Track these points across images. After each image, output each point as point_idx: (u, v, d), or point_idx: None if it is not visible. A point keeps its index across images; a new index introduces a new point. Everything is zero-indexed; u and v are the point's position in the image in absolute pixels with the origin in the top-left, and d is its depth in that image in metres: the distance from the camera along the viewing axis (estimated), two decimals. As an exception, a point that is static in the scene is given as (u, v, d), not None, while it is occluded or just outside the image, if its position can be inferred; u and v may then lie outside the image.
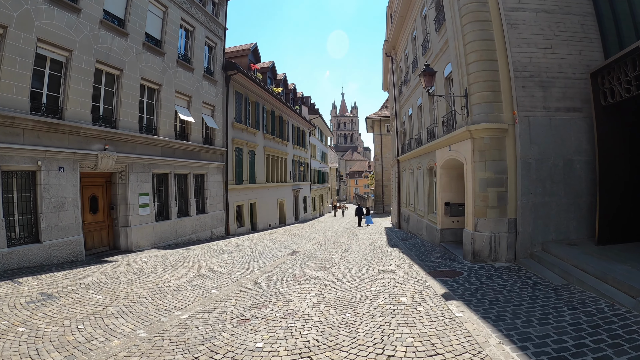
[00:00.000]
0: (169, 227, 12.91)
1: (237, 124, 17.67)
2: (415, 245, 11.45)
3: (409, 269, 7.59)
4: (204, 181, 15.25)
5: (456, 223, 10.37)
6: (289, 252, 11.56)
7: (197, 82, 14.86)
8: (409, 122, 16.11)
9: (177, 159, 13.39)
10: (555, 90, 8.06)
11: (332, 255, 10.34)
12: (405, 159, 16.48)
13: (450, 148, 9.40)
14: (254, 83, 18.80)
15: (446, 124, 9.90)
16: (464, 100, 8.40)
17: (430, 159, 11.71)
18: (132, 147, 11.46)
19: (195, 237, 14.27)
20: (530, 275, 6.64)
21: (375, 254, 10.09)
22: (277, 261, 9.86)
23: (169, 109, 13.17)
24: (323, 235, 16.62)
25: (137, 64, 11.66)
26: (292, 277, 7.52)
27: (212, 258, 10.23)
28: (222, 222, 16.18)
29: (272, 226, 22.13)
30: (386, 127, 38.63)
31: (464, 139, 8.36)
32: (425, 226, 12.54)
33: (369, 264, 8.42)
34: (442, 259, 8.62)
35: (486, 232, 7.77)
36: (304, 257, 10.25)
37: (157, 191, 12.88)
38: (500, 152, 7.84)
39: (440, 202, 10.40)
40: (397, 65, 19.36)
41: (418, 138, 13.64)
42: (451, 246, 9.93)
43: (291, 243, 13.83)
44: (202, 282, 7.49)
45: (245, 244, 13.47)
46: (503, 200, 7.77)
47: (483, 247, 7.78)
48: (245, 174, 18.49)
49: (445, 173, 10.35)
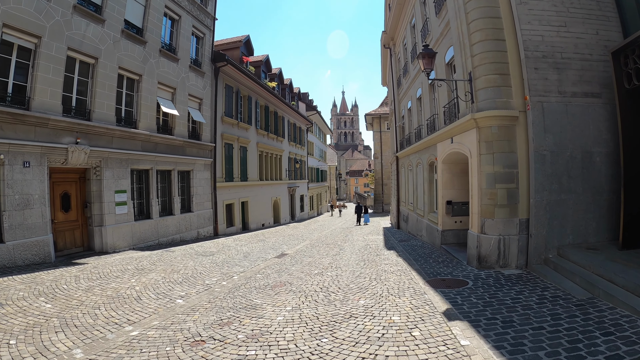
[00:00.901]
0: (149, 226, 12.01)
1: (227, 118, 16.74)
2: (414, 248, 10.50)
3: (405, 277, 6.64)
4: (190, 178, 14.33)
5: (459, 224, 9.42)
6: (277, 254, 10.64)
7: (182, 74, 13.94)
8: (407, 115, 15.16)
9: (159, 154, 12.49)
10: (572, 73, 7.12)
11: (322, 258, 9.40)
12: (404, 154, 15.52)
13: (453, 140, 8.45)
14: (246, 76, 17.86)
15: (448, 114, 8.95)
16: (468, 85, 7.45)
17: (430, 154, 10.75)
18: (107, 140, 10.59)
19: (179, 238, 13.36)
20: (546, 285, 5.69)
21: (370, 257, 9.15)
22: (262, 265, 8.94)
23: (150, 101, 12.27)
24: (317, 236, 15.69)
25: (115, 53, 10.79)
26: (272, 285, 6.59)
27: (190, 261, 9.32)
28: (209, 221, 15.26)
29: (266, 226, 21.20)
30: (386, 125, 37.70)
31: (469, 129, 7.41)
32: (425, 227, 11.58)
33: (361, 270, 7.48)
34: (444, 265, 7.68)
35: (494, 234, 6.81)
36: (291, 261, 9.32)
37: (137, 188, 12.01)
38: (510, 143, 6.89)
39: (442, 201, 9.45)
40: (395, 57, 18.40)
41: (417, 132, 12.68)
42: (453, 249, 8.98)
43: (281, 244, 12.91)
44: (170, 289, 6.64)
45: (232, 245, 12.55)
46: (513, 198, 6.82)
47: (490, 251, 6.83)
48: (236, 171, 17.56)
49: (447, 169, 9.40)
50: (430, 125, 10.72)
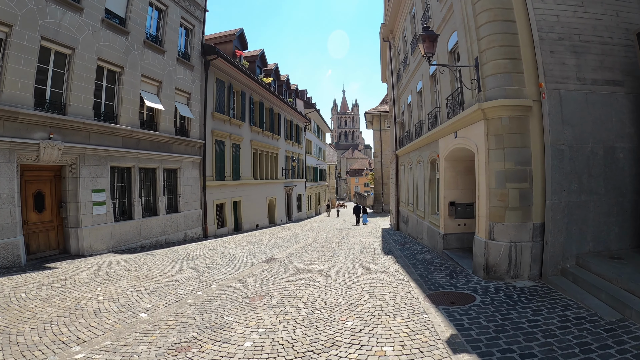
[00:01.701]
0: (131, 228, 11.23)
1: (219, 114, 15.93)
2: (413, 253, 9.68)
3: (403, 289, 5.81)
4: (177, 176, 13.53)
5: (463, 227, 8.59)
6: (265, 258, 9.83)
7: (169, 66, 13.13)
8: (407, 111, 14.32)
9: (142, 151, 11.69)
10: (591, 58, 6.30)
11: (312, 264, 8.59)
12: (404, 152, 14.69)
13: (457, 135, 7.62)
14: (239, 70, 17.04)
15: (451, 106, 8.12)
16: (474, 72, 6.62)
17: (431, 151, 9.92)
18: (84, 136, 9.83)
19: (164, 240, 12.57)
20: (566, 302, 4.86)
21: (365, 264, 8.33)
22: (246, 271, 8.14)
23: (132, 95, 11.48)
24: (312, 238, 14.88)
25: (94, 43, 10.03)
26: (250, 298, 5.78)
27: (169, 266, 8.53)
28: (198, 222, 14.46)
29: (261, 226, 20.40)
30: (386, 123, 36.88)
31: (475, 121, 6.58)
32: (426, 229, 10.75)
33: (354, 280, 6.65)
34: (447, 274, 6.85)
35: (504, 240, 5.98)
36: (278, 267, 8.51)
37: (118, 187, 11.24)
38: (523, 137, 6.06)
39: (444, 202, 8.63)
40: (395, 50, 17.56)
41: (418, 127, 11.84)
42: (457, 255, 8.16)
43: (273, 247, 12.10)
44: (137, 300, 5.91)
45: (220, 247, 11.75)
46: (526, 199, 5.99)
47: (500, 260, 6.00)
48: (228, 170, 16.75)
49: (450, 166, 8.57)
50: (431, 120, 9.89)
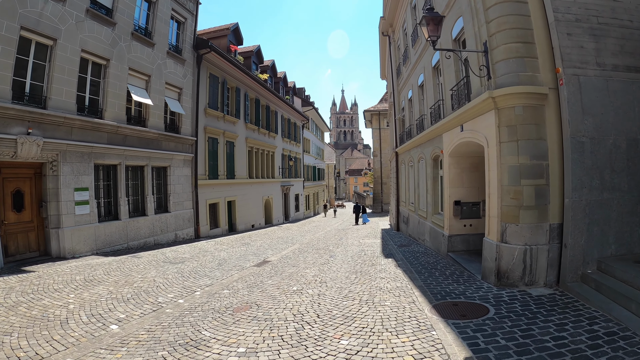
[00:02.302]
0: (117, 228, 10.62)
1: (212, 110, 15.31)
2: (415, 255, 9.07)
3: (405, 299, 5.20)
4: (167, 175, 12.91)
5: (469, 228, 7.99)
6: (257, 261, 9.23)
7: (158, 60, 12.52)
8: (408, 106, 13.72)
9: (129, 148, 11.08)
10: (611, 42, 5.74)
11: (307, 269, 7.98)
12: (405, 149, 14.08)
13: (463, 128, 7.02)
14: (233, 65, 16.41)
15: (456, 97, 7.52)
16: (483, 58, 6.03)
17: (434, 147, 9.32)
18: (66, 131, 9.25)
19: (153, 241, 11.95)
20: (592, 314, 4.26)
21: (364, 268, 7.72)
22: (235, 276, 7.54)
23: (119, 89, 10.87)
24: (309, 239, 14.27)
25: (77, 34, 9.46)
26: (234, 308, 5.17)
27: (153, 270, 7.93)
28: (190, 222, 13.84)
29: (256, 227, 19.78)
30: (385, 122, 36.33)
31: (485, 112, 5.97)
32: (428, 230, 10.14)
33: (351, 287, 6.04)
34: (453, 279, 6.24)
35: (518, 243, 5.38)
36: (270, 271, 7.91)
37: (104, 186, 10.63)
38: (539, 128, 5.46)
39: (448, 201, 8.02)
40: (394, 44, 16.96)
41: (419, 123, 11.24)
42: (463, 258, 7.56)
43: (267, 249, 11.49)
44: (111, 309, 5.36)
45: (211, 249, 11.14)
46: (543, 197, 5.39)
47: (514, 265, 5.39)
48: (222, 168, 16.13)
49: (455, 163, 7.97)
50: (434, 114, 9.29)
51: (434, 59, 9.55)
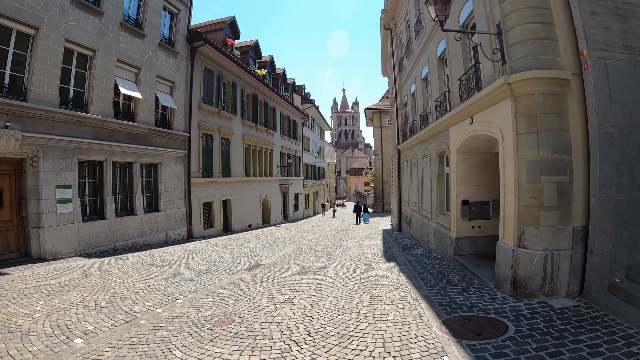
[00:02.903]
0: (102, 228, 10.04)
1: (206, 105, 14.70)
2: (419, 259, 8.44)
3: (411, 311, 4.57)
4: (158, 172, 12.32)
5: (477, 229, 7.36)
6: (250, 264, 8.63)
7: (149, 52, 11.93)
8: (411, 101, 13.09)
9: (116, 144, 10.51)
10: (637, 24, 5.13)
11: (302, 274, 7.37)
12: (407, 146, 13.45)
13: (473, 120, 6.39)
14: (229, 60, 15.79)
15: (465, 87, 6.89)
16: (496, 41, 5.40)
17: (440, 142, 8.69)
18: (47, 125, 8.73)
19: (142, 241, 11.36)
20: (626, 331, 3.64)
21: (363, 273, 7.10)
22: (223, 282, 6.94)
23: (106, 81, 10.30)
24: (307, 240, 13.67)
25: (62, 23, 8.95)
26: (216, 321, 4.57)
27: (136, 274, 7.35)
28: (182, 222, 13.24)
29: (253, 227, 19.18)
30: (387, 120, 35.72)
31: (499, 100, 5.35)
32: (433, 232, 9.51)
33: (349, 296, 5.42)
34: (463, 288, 5.61)
35: (538, 248, 4.75)
36: (262, 276, 7.31)
37: (89, 183, 10.07)
38: (561, 118, 4.83)
39: (455, 200, 7.39)
40: (397, 38, 16.33)
41: (423, 117, 10.61)
42: (471, 263, 6.93)
43: (261, 250, 10.89)
44: (80, 319, 4.76)
45: (202, 251, 10.54)
46: (565, 196, 4.76)
47: (533, 273, 4.77)
48: (217, 166, 15.53)
49: (463, 159, 7.34)
50: (440, 107, 8.66)
51: (439, 48, 8.93)
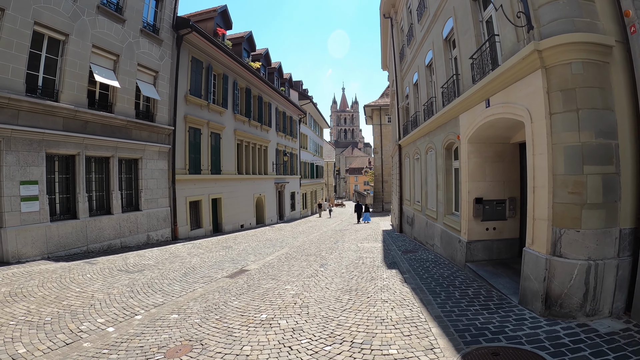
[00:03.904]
0: (74, 229, 9.08)
1: (194, 97, 13.71)
2: (424, 265, 7.44)
3: (420, 340, 3.56)
4: (138, 168, 11.33)
5: (492, 232, 6.38)
6: (232, 271, 7.66)
7: (129, 38, 10.94)
8: (413, 92, 12.11)
9: (90, 136, 9.54)
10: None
11: (289, 283, 6.39)
12: (409, 141, 12.46)
13: (490, 103, 5.40)
14: (219, 50, 14.80)
15: (478, 66, 5.91)
16: (519, 4, 4.42)
17: (448, 133, 7.71)
18: (11, 115, 7.89)
19: (120, 243, 10.38)
20: None
21: (360, 284, 6.12)
22: (197, 291, 5.97)
23: (80, 68, 9.34)
24: (301, 241, 12.69)
25: (30, 4, 8.13)
26: (169, 350, 3.59)
27: (99, 282, 6.38)
28: (166, 222, 12.25)
29: (246, 227, 18.19)
30: (387, 118, 34.76)
31: (526, 74, 4.35)
32: (439, 234, 8.52)
33: (341, 316, 4.42)
34: (480, 304, 4.62)
35: (579, 257, 3.77)
36: (243, 286, 6.33)
37: (59, 179, 9.16)
38: (604, 94, 3.85)
39: (467, 198, 6.41)
40: (397, 26, 15.35)
41: (428, 107, 9.62)
42: (486, 271, 5.94)
43: (249, 253, 9.91)
44: (14, 338, 3.90)
45: (184, 254, 9.56)
46: (612, 191, 3.78)
47: (572, 288, 3.78)
48: (205, 162, 14.54)
49: (476, 151, 6.36)
50: (447, 93, 7.67)
51: (446, 28, 7.96)
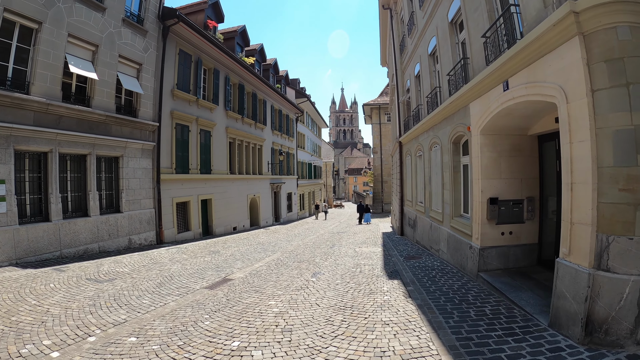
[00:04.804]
0: (45, 233, 8.30)
1: (181, 92, 12.91)
2: (430, 275, 6.59)
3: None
4: (119, 167, 10.52)
5: (508, 237, 5.57)
6: (215, 280, 6.85)
7: (110, 28, 10.14)
8: (415, 85, 11.30)
9: (64, 132, 8.77)
10: None
11: (274, 297, 5.56)
12: (411, 137, 11.65)
13: (509, 85, 4.59)
14: (210, 43, 14.00)
15: (493, 44, 5.10)
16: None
17: (456, 125, 6.89)
18: (-28, 108, 6.95)
19: (98, 248, 9.56)
20: None
21: (357, 298, 5.29)
22: (170, 305, 5.16)
23: (53, 58, 8.58)
24: (295, 245, 11.87)
25: None
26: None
27: (61, 293, 5.60)
28: (150, 225, 11.42)
29: (239, 229, 17.37)
30: (386, 117, 34.02)
31: (558, 44, 3.53)
32: (445, 238, 7.69)
33: (331, 345, 3.56)
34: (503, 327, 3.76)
35: (632, 272, 2.96)
36: (221, 300, 5.51)
37: (30, 178, 8.39)
38: (664, 65, 3.05)
39: (480, 198, 5.59)
40: (397, 17, 14.58)
41: (431, 98, 8.81)
42: (504, 283, 5.12)
43: (237, 259, 9.10)
44: None
45: (164, 260, 8.74)
46: (676, 188, 2.98)
47: (621, 310, 2.97)
48: (194, 161, 13.72)
49: (489, 144, 5.55)
50: (454, 80, 6.86)
51: (451, 10, 7.17)
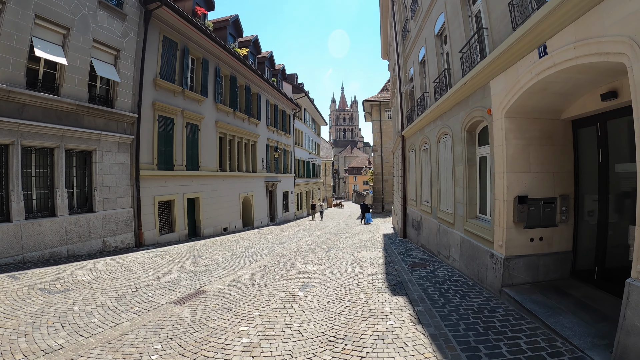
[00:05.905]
0: (5, 234, 7.39)
1: (165, 82, 11.86)
2: (443, 290, 5.51)
3: None
4: (92, 162, 9.49)
5: (538, 244, 4.53)
6: (187, 292, 5.83)
7: (84, 9, 9.12)
8: (419, 71, 10.26)
9: (28, 122, 7.80)
10: None
11: (249, 319, 4.54)
12: (415, 129, 10.60)
13: (546, 49, 3.55)
14: (197, 30, 12.95)
15: (521, 4, 4.06)
16: None
17: (472, 109, 5.84)
18: None
19: (66, 251, 8.54)
20: None
21: (352, 325, 4.25)
22: (123, 326, 4.15)
23: (17, 41, 7.62)
24: (287, 248, 10.85)
25: None
26: None
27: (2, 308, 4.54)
28: (127, 226, 10.38)
29: (230, 230, 16.33)
30: (387, 114, 32.99)
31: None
32: (457, 243, 6.62)
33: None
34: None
35: None
36: (184, 321, 4.48)
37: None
38: None
39: (505, 197, 4.55)
40: (399, 2, 13.54)
41: (439, 83, 7.76)
42: (535, 302, 4.09)
43: (219, 266, 8.07)
44: None
45: (136, 266, 7.71)
46: None
47: None
48: (179, 156, 12.69)
49: (517, 129, 4.50)
50: (468, 58, 5.81)
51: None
